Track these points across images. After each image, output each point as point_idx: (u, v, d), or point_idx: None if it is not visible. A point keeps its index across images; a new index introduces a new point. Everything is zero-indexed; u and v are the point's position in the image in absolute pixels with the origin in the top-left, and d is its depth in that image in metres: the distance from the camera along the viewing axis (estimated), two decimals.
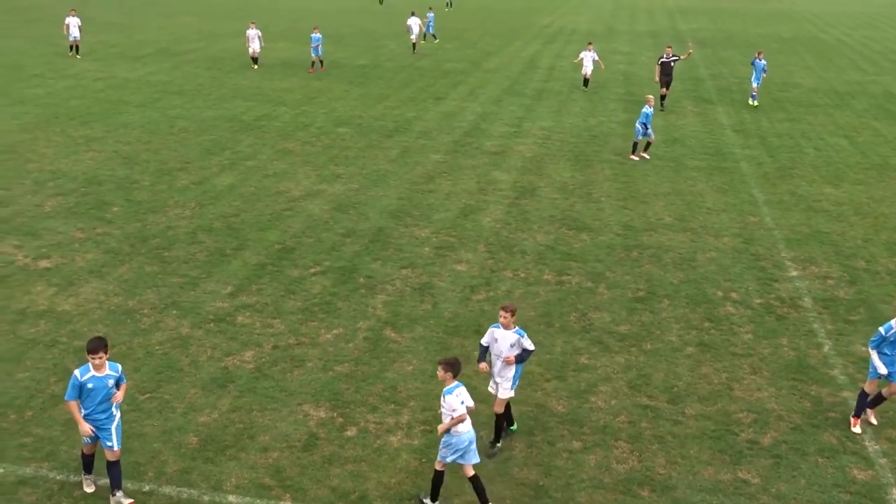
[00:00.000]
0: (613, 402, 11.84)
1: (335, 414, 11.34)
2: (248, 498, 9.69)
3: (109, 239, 17.09)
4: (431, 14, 46.70)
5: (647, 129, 23.81)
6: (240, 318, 13.89)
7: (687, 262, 16.87)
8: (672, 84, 31.60)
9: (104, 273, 15.48)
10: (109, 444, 9.24)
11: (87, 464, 9.63)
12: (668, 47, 31.32)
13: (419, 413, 11.42)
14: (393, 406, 11.58)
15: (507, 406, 10.69)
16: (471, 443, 9.20)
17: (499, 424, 10.64)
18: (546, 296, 15.13)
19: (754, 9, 74.84)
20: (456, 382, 9.21)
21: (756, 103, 31.96)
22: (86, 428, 9.15)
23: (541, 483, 10.12)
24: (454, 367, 9.20)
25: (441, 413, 9.21)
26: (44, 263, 15.81)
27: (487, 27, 54.20)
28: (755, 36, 54.49)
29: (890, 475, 10.47)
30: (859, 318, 14.64)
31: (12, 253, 16.23)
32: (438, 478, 9.47)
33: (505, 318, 10.23)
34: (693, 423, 11.40)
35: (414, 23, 42.68)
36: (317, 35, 36.05)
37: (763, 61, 31.80)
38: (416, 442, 10.81)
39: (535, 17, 62.36)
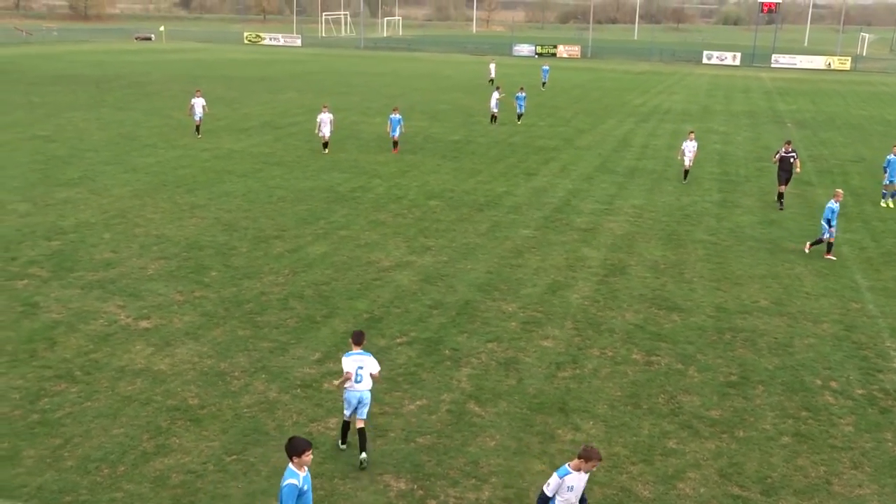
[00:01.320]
0: (703, 490, 11.43)
1: (415, 486, 11.29)
2: None
3: (206, 302, 17.68)
4: (522, 93, 46.88)
5: (830, 225, 21.78)
6: (326, 385, 14.08)
7: (783, 347, 16.32)
8: (790, 181, 28.53)
9: (199, 335, 15.98)
10: None
11: None
12: (787, 143, 28.86)
13: (500, 490, 11.27)
14: (474, 481, 11.46)
15: None
16: (359, 401, 11.57)
17: None
18: (634, 376, 14.85)
19: (856, 90, 73.37)
20: (359, 350, 11.75)
21: (891, 204, 28.89)
22: None
23: None
24: (356, 338, 11.99)
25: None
26: (144, 324, 16.45)
27: (581, 105, 54.73)
28: (858, 117, 53.31)
29: None
30: None
31: (116, 312, 16.95)
32: (345, 426, 12.10)
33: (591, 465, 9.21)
34: None
35: (495, 97, 44.89)
36: (396, 116, 35.61)
37: (893, 156, 28.63)
38: None
39: (628, 96, 62.65)
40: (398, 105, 40.52)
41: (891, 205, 28.72)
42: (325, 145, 35.13)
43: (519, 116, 46.05)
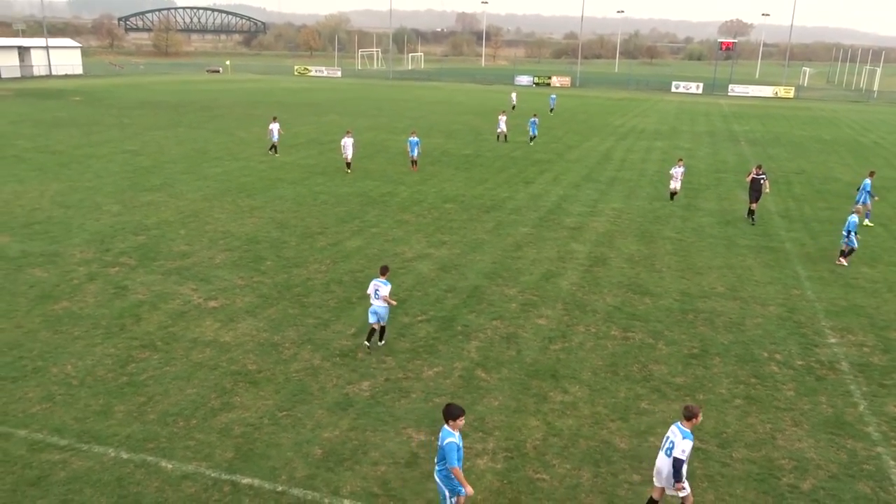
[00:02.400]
0: None
1: (433, 437, 11.27)
2: (359, 502, 9.68)
3: (262, 286, 17.71)
4: (535, 119, 45.47)
5: (849, 235, 20.65)
6: (360, 354, 14.08)
7: (736, 325, 16.18)
8: (760, 200, 26.32)
9: (257, 313, 16.02)
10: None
11: None
12: (758, 166, 26.46)
13: (503, 441, 11.24)
14: (481, 434, 11.44)
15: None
16: (376, 313, 13.82)
17: None
18: (613, 348, 14.76)
19: (798, 114, 72.52)
20: (382, 279, 13.80)
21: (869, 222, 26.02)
22: (471, 489, 8.65)
23: None
24: (382, 270, 14.04)
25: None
26: (212, 304, 16.50)
27: (570, 126, 54.37)
28: (800, 137, 52.70)
29: None
30: (893, 382, 13.66)
31: (190, 294, 17.02)
32: (371, 331, 14.21)
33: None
34: (739, 465, 10.80)
35: (502, 120, 44.56)
36: (414, 139, 33.87)
37: (868, 180, 26.04)
38: (499, 466, 10.62)
39: (610, 118, 62.22)
40: (416, 128, 40.34)
41: (869, 223, 25.99)
42: (349, 165, 33.03)
43: (532, 139, 44.33)
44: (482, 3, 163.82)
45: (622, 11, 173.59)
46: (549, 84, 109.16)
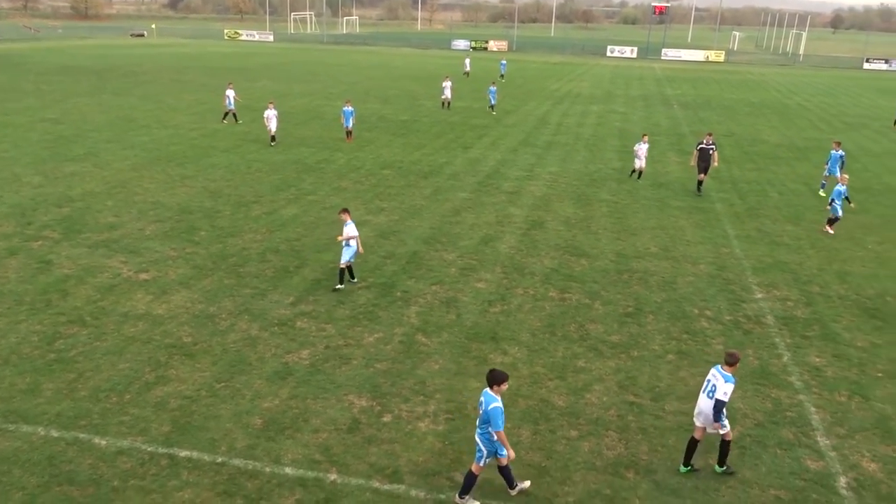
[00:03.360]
0: (605, 398, 11.70)
1: (374, 403, 11.33)
2: (301, 470, 9.69)
3: (196, 257, 17.30)
4: (494, 87, 43.24)
5: (832, 203, 20.76)
6: (299, 323, 13.96)
7: (669, 284, 16.68)
8: (708, 173, 25.30)
9: (191, 284, 15.66)
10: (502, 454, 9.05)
11: (471, 485, 9.14)
12: (709, 134, 25.31)
13: (444, 404, 11.37)
14: (422, 397, 11.54)
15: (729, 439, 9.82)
16: (348, 252, 15.24)
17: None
18: (551, 310, 15.04)
19: (728, 78, 74.38)
20: (349, 220, 15.10)
21: (822, 193, 25.43)
22: (513, 452, 8.99)
23: (543, 464, 10.02)
24: (342, 211, 15.26)
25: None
26: (143, 276, 16.05)
27: (508, 90, 54.38)
28: (730, 101, 54.12)
29: (838, 465, 10.21)
30: (814, 334, 14.36)
31: (119, 267, 16.49)
32: (341, 272, 15.36)
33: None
34: (672, 417, 11.22)
35: (447, 86, 43.29)
36: (348, 108, 32.24)
37: (841, 153, 25.34)
38: (440, 427, 10.76)
39: (546, 82, 62.53)
40: (351, 96, 39.16)
41: (822, 194, 25.35)
42: (273, 138, 30.89)
43: (492, 107, 42.55)
44: None
45: None
46: (486, 48, 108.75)
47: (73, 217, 19.98)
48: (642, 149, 26.25)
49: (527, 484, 9.49)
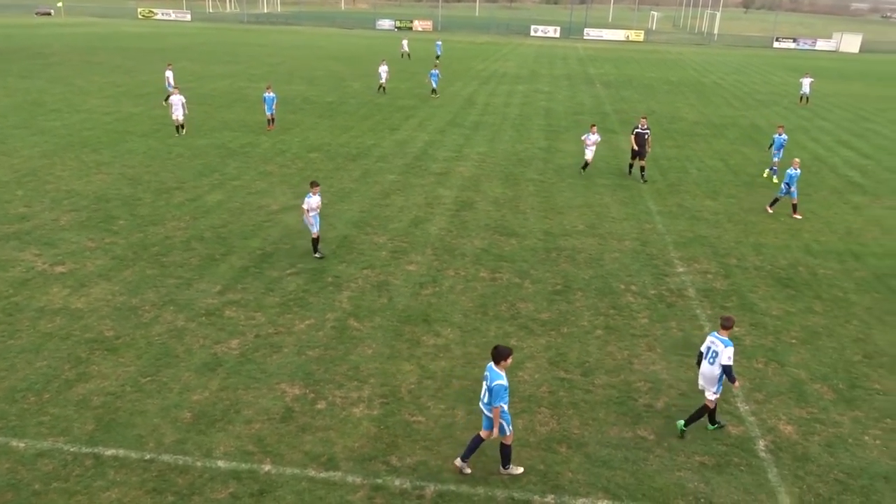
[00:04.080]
0: (537, 375, 11.90)
1: (308, 391, 11.19)
2: (234, 462, 9.49)
3: (116, 247, 16.62)
4: (436, 70, 42.27)
5: (790, 188, 20.59)
6: (227, 312, 13.62)
7: (596, 261, 17.04)
8: (646, 157, 24.47)
9: (111, 276, 15.04)
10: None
11: (509, 454, 9.50)
12: (644, 118, 24.52)
13: (378, 388, 11.33)
14: (356, 383, 11.47)
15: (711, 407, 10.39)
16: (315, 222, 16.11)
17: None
18: (482, 290, 15.14)
19: (647, 57, 76.17)
20: (313, 191, 15.78)
21: (772, 178, 25.13)
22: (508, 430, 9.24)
23: None
24: (312, 185, 15.85)
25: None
26: (59, 269, 15.31)
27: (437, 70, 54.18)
28: (649, 79, 55.44)
29: (757, 430, 10.70)
30: (732, 304, 14.95)
31: (32, 260, 15.69)
32: (314, 241, 16.30)
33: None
34: (601, 391, 11.51)
35: (383, 69, 42.23)
36: (270, 94, 30.02)
37: (784, 137, 24.97)
38: (375, 412, 10.71)
39: (472, 62, 62.56)
40: (272, 79, 37.83)
41: (772, 178, 25.11)
42: (180, 127, 28.37)
43: (434, 91, 41.65)
44: None
45: None
46: (410, 28, 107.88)
47: None
48: (591, 139, 24.53)
49: (520, 470, 9.57)
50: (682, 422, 10.45)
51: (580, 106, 40.49)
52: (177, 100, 28.15)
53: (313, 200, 15.80)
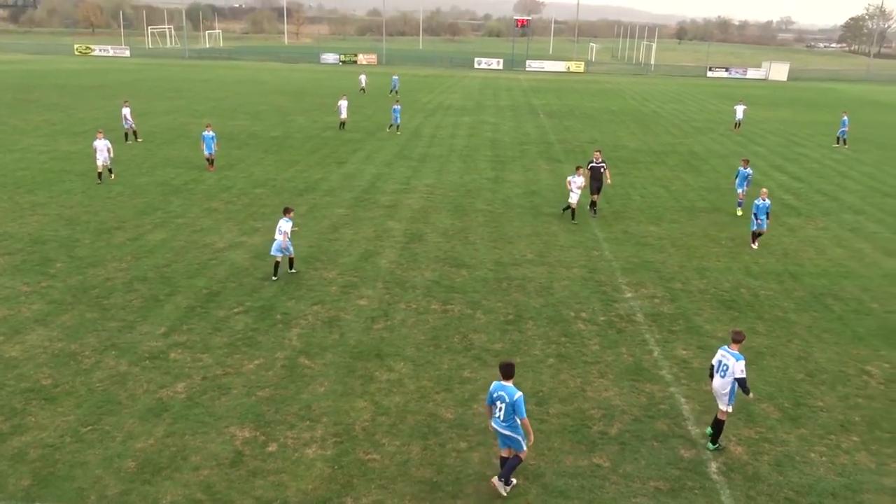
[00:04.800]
0: None
1: (258, 433, 10.91)
2: None
3: (53, 291, 16.04)
4: (398, 106, 41.38)
5: (757, 219, 20.60)
6: (172, 355, 13.24)
7: (546, 289, 17.20)
8: (602, 189, 24.08)
9: (48, 321, 14.48)
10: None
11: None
12: (597, 151, 24.22)
13: (331, 427, 11.12)
14: (308, 422, 11.23)
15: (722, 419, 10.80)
16: (277, 248, 16.90)
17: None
18: (434, 322, 15.10)
19: (588, 87, 78.14)
20: (286, 218, 16.87)
21: (739, 212, 24.59)
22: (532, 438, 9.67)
23: (434, 479, 10.00)
24: (285, 211, 17.02)
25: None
26: None
27: (379, 104, 54.45)
28: (591, 109, 56.81)
29: (709, 452, 10.85)
30: (679, 328, 15.25)
31: None
32: (276, 265, 17.19)
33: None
34: (555, 420, 11.54)
35: (343, 104, 41.13)
36: (209, 133, 28.61)
37: (749, 170, 24.46)
38: (328, 452, 10.50)
39: (418, 95, 63.15)
40: (212, 119, 37.05)
41: (738, 212, 24.59)
42: (101, 175, 26.10)
43: (397, 127, 40.74)
44: None
45: None
46: (355, 62, 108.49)
47: None
48: (576, 182, 22.84)
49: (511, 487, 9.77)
50: (710, 444, 10.84)
51: (525, 136, 41.17)
52: (101, 144, 25.84)
53: (288, 225, 16.75)
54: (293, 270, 17.52)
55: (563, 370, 13.19)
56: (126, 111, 34.57)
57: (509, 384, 9.42)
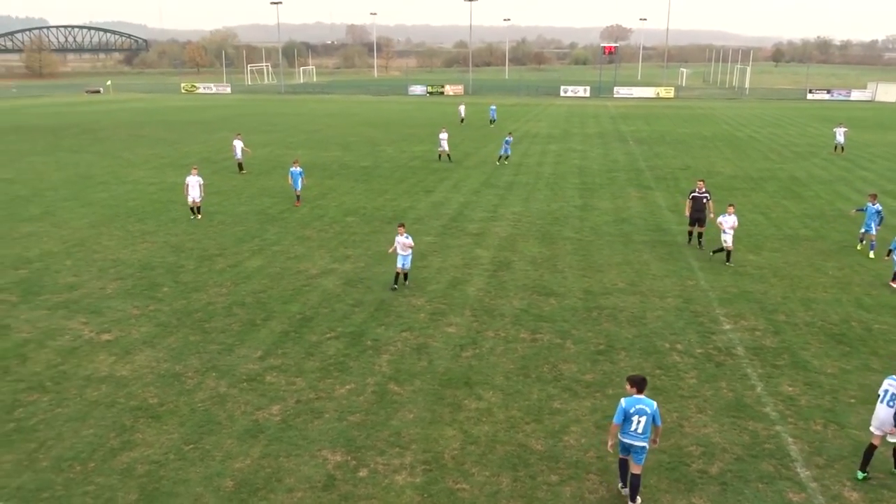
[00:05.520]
0: (583, 440, 11.55)
1: (349, 457, 11.01)
2: None
3: (160, 314, 16.86)
4: (510, 138, 40.69)
5: (890, 254, 19.32)
6: (268, 378, 13.61)
7: (638, 319, 16.73)
8: (705, 224, 22.42)
9: (155, 343, 15.22)
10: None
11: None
12: (700, 181, 22.75)
13: (420, 454, 11.10)
14: (398, 449, 11.26)
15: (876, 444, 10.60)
16: (402, 259, 18.40)
17: None
18: (523, 351, 14.93)
19: (679, 113, 76.45)
20: (403, 234, 18.32)
21: (871, 255, 21.88)
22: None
23: None
24: (399, 225, 18.58)
25: None
26: (105, 336, 15.55)
27: (467, 133, 55.04)
28: (682, 135, 55.48)
29: (820, 497, 10.16)
30: (784, 362, 14.47)
31: (80, 328, 15.97)
32: (396, 276, 18.53)
33: None
34: (651, 456, 11.08)
35: (443, 136, 40.95)
36: (297, 169, 28.71)
37: (878, 206, 21.91)
38: (418, 480, 10.47)
39: (504, 124, 63.39)
40: (299, 155, 37.13)
41: (871, 255, 21.88)
42: (195, 210, 26.16)
43: (507, 158, 40.09)
44: (371, 14, 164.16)
45: (508, 19, 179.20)
46: (442, 93, 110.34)
47: (31, 279, 19.39)
48: (728, 221, 20.79)
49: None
50: (860, 472, 10.55)
51: (614, 163, 40.57)
52: (194, 181, 25.82)
53: (402, 240, 18.15)
54: (406, 283, 18.73)
55: (659, 404, 12.66)
56: (237, 143, 36.53)
57: (643, 396, 9.63)
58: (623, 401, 9.70)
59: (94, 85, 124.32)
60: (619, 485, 10.24)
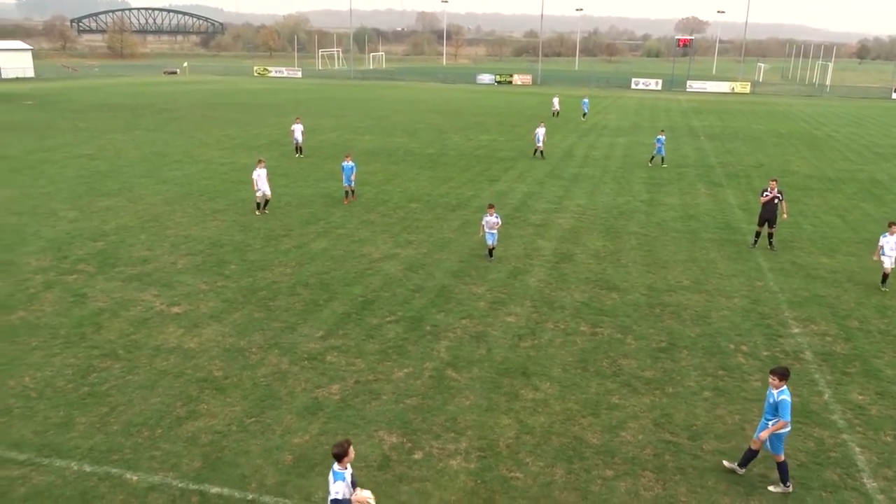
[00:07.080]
0: (640, 436, 11.41)
1: (405, 440, 11.17)
2: None
3: (227, 290, 17.39)
4: (663, 136, 37.30)
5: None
6: (329, 357, 13.90)
7: (702, 318, 16.36)
8: (776, 225, 21.75)
9: (222, 318, 15.71)
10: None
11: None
12: (773, 180, 21.76)
13: (475, 441, 11.17)
14: (453, 434, 11.35)
15: None
16: (490, 236, 19.94)
17: None
18: (582, 344, 14.81)
19: (754, 109, 73.94)
20: (492, 213, 19.76)
21: None
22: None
23: None
24: (489, 206, 20.14)
25: None
26: (175, 309, 16.14)
27: (532, 123, 54.56)
28: (757, 132, 53.71)
29: None
30: (855, 370, 13.93)
31: (152, 301, 16.62)
32: (490, 250, 20.12)
33: None
34: (710, 457, 10.89)
35: (540, 132, 38.63)
36: (349, 164, 27.10)
37: None
38: (472, 466, 10.54)
39: (572, 114, 62.64)
40: (351, 152, 35.68)
41: None
42: (261, 205, 24.95)
43: (662, 159, 37.33)
44: (442, 2, 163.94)
45: (581, 10, 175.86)
46: (510, 82, 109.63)
47: (108, 251, 20.26)
48: (890, 242, 18.44)
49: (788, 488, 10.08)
50: None
51: (684, 159, 39.61)
52: (261, 173, 24.61)
53: (490, 219, 19.63)
54: (491, 258, 20.07)
55: (721, 405, 12.44)
56: (296, 127, 37.14)
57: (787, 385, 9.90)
58: (788, 394, 9.82)
59: (171, 66, 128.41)
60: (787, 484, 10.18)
